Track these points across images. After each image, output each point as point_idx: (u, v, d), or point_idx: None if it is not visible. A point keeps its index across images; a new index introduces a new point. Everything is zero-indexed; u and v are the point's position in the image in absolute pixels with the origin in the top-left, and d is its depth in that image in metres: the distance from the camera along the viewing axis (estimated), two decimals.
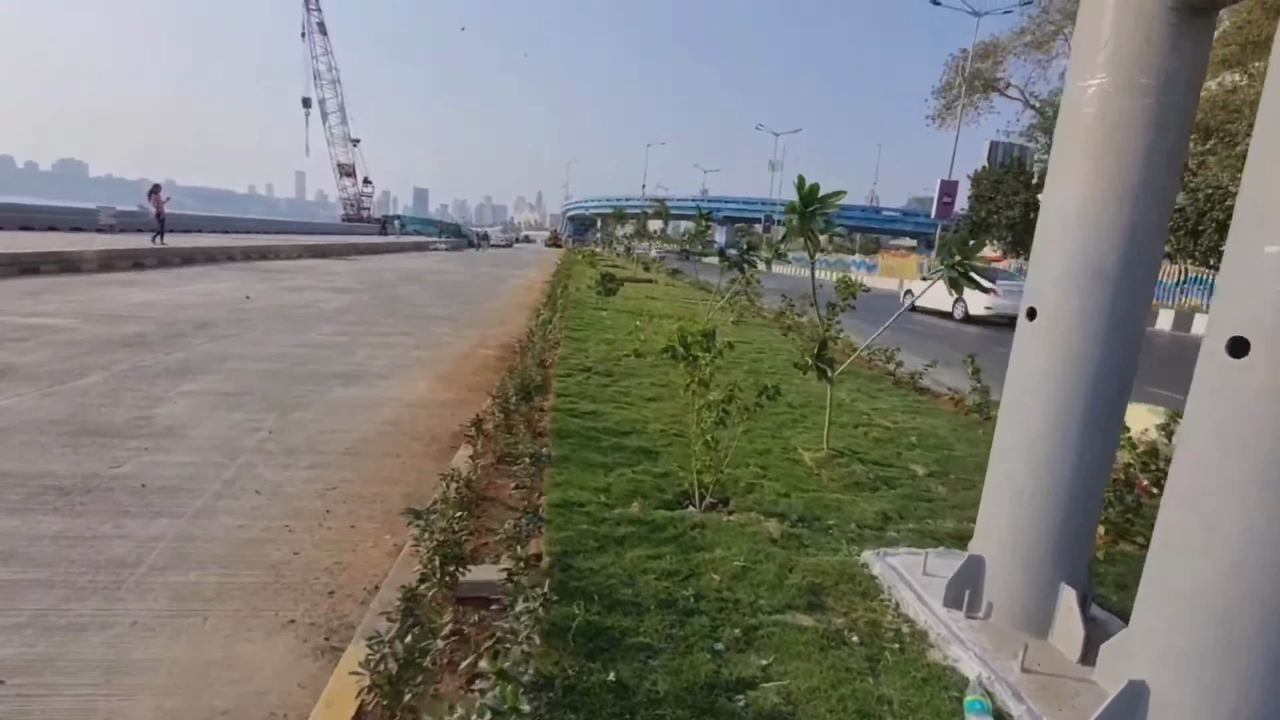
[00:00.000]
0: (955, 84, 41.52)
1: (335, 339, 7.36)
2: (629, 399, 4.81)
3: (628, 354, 6.44)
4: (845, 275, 6.61)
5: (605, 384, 5.18)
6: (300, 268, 17.54)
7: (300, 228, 39.93)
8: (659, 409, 4.60)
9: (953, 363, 7.32)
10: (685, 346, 3.04)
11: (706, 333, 3.04)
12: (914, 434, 4.56)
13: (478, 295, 13.75)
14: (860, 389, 5.96)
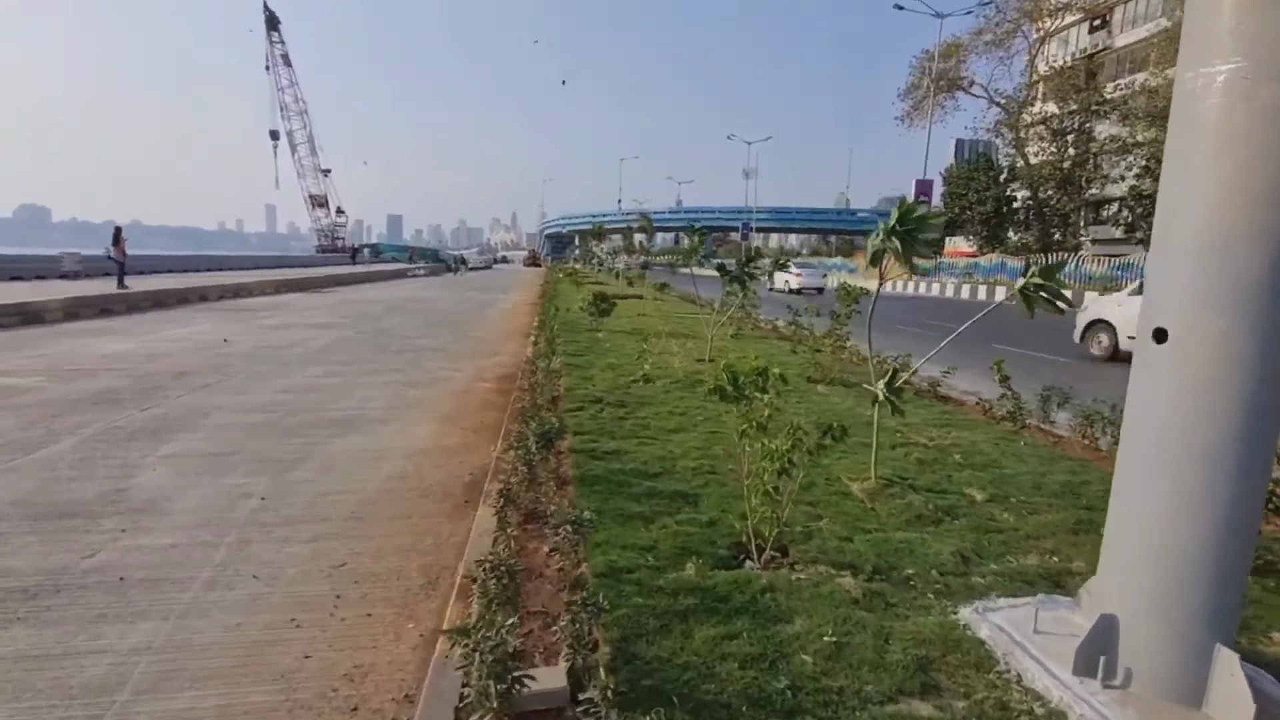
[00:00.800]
0: (922, 84, 42.18)
1: (325, 381, 6.95)
2: (649, 432, 4.50)
3: (635, 379, 6.15)
4: (844, 281, 6.40)
5: (621, 416, 4.86)
6: (277, 304, 17.02)
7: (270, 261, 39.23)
8: (684, 442, 4.28)
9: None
10: (736, 385, 2.74)
11: (760, 370, 2.73)
12: (956, 452, 4.30)
13: (465, 323, 13.37)
14: None
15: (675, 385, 6.04)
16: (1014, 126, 39.82)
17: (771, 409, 2.64)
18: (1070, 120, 37.23)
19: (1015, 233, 40.04)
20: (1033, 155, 39.07)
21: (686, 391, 5.81)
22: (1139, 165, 31.27)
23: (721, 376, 2.73)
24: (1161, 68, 29.26)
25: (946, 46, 38.79)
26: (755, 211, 62.71)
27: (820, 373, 6.44)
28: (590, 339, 9.12)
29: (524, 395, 5.53)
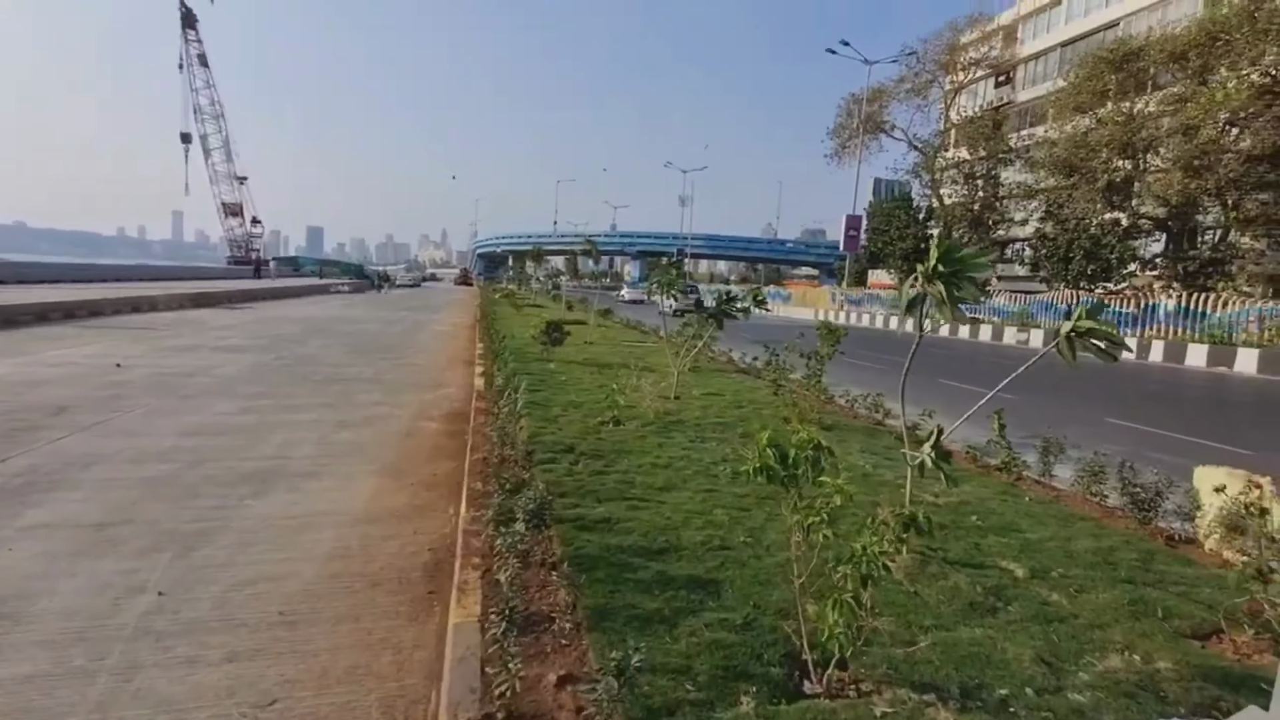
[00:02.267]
0: (849, 125, 44.35)
1: (239, 419, 5.98)
2: (637, 490, 3.95)
3: (604, 421, 5.59)
4: (825, 321, 6.11)
5: (600, 470, 4.29)
6: (184, 321, 15.34)
7: (176, 273, 36.02)
8: (680, 504, 3.76)
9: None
10: (786, 463, 2.25)
11: (813, 443, 2.26)
12: (970, 511, 3.99)
13: (399, 347, 12.38)
14: (867, 449, 5.40)
15: (649, 429, 5.53)
16: (930, 169, 42.50)
17: (844, 496, 2.16)
18: (980, 166, 40.10)
19: None
20: (947, 197, 41.75)
21: (663, 437, 5.30)
22: (1042, 209, 33.84)
23: (766, 452, 2.24)
24: (1060, 123, 31.85)
25: (871, 92, 40.97)
26: (690, 238, 63.71)
27: (797, 414, 6.11)
28: (543, 371, 8.48)
29: (483, 441, 4.86)
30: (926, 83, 43.33)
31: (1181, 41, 26.17)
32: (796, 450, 2.20)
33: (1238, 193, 26.35)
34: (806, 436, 2.23)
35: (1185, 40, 26.04)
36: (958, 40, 42.19)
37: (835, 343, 5.88)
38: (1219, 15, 25.42)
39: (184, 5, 48.05)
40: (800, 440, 2.20)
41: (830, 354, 5.90)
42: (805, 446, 2.19)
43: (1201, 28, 25.73)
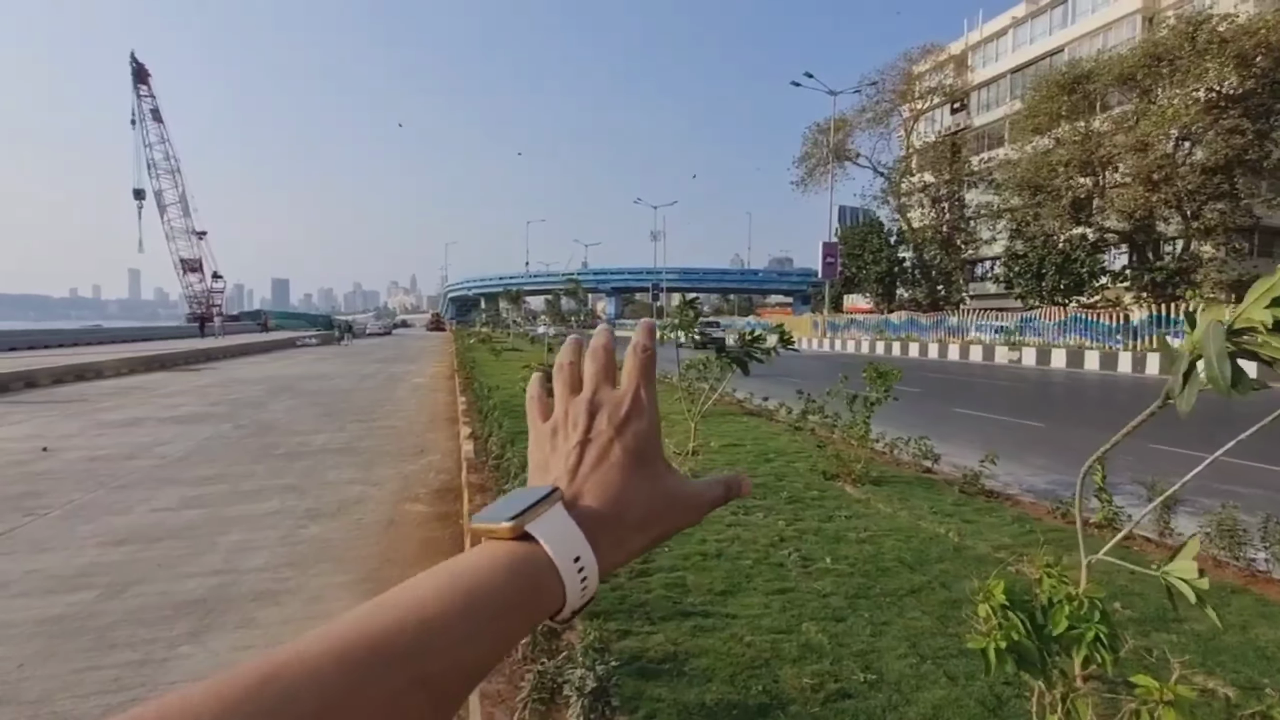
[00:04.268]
0: (814, 154, 45.14)
1: (181, 517, 4.96)
2: (692, 597, 3.08)
3: None
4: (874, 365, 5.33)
5: (639, 566, 3.41)
6: (130, 388, 14.05)
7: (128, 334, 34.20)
8: (754, 617, 2.90)
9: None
10: (1033, 631, 1.42)
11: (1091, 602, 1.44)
12: (1124, 600, 3.20)
13: (373, 406, 11.34)
14: (937, 509, 4.62)
15: None
16: (896, 194, 43.34)
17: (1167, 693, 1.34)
18: (944, 189, 40.97)
19: (907, 290, 42.89)
20: (914, 220, 42.48)
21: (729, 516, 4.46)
22: (1010, 228, 34.45)
23: (1013, 624, 1.41)
24: (1020, 144, 32.67)
25: (835, 121, 41.82)
26: (665, 272, 63.71)
27: (840, 467, 5.32)
28: None
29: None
30: (886, 111, 44.53)
31: (1128, 63, 27.15)
32: (1059, 617, 1.37)
33: (1196, 203, 27.08)
34: (1076, 593, 1.41)
35: (1131, 62, 27.03)
36: (912, 70, 43.55)
37: (888, 389, 5.13)
38: (1160, 38, 26.50)
39: (135, 60, 47.12)
40: (1064, 594, 1.39)
41: (883, 399, 5.16)
42: (1076, 609, 1.37)
43: (1145, 50, 26.77)
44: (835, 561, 3.49)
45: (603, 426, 0.40)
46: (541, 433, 0.43)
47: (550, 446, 0.42)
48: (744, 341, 5.35)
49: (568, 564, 0.35)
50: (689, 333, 5.56)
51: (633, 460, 0.39)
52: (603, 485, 0.39)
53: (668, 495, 0.40)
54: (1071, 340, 20.28)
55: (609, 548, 0.37)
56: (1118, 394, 13.99)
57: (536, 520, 0.35)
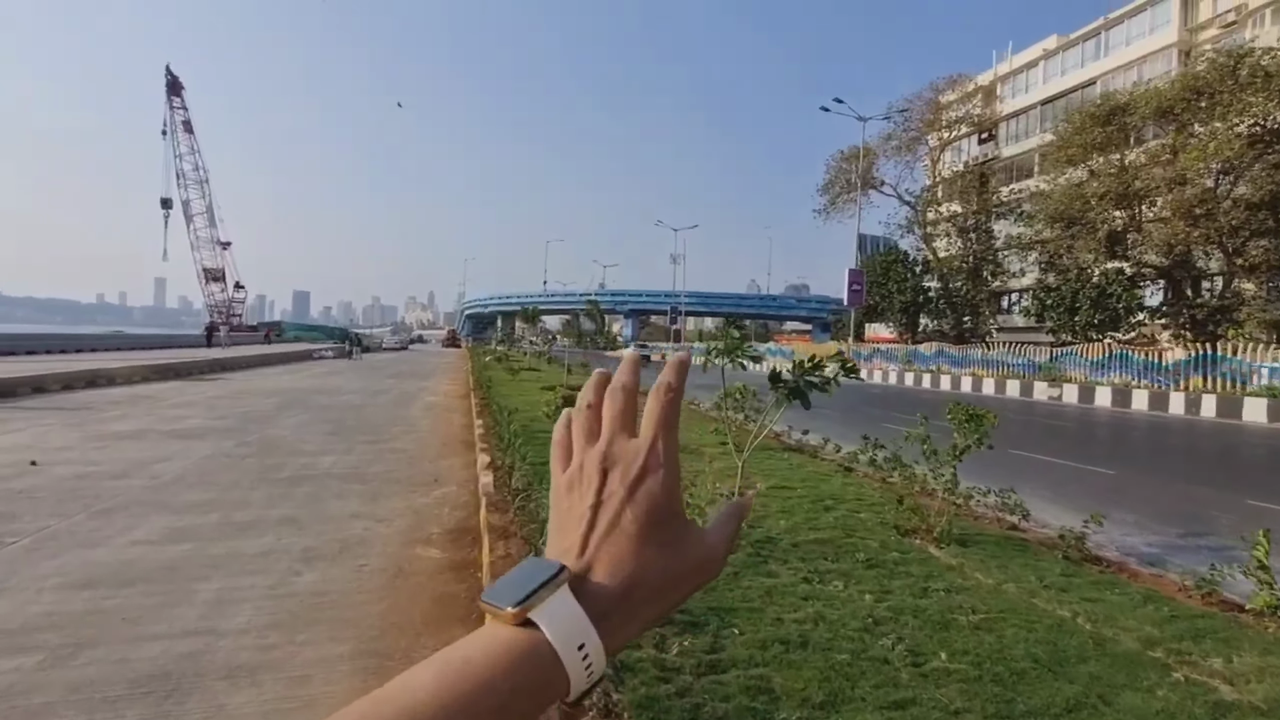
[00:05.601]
0: (837, 182, 44.75)
1: (161, 554, 4.33)
2: (784, 709, 2.37)
3: None
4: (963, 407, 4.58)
5: (709, 660, 2.70)
6: (139, 397, 13.61)
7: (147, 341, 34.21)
8: None
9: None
10: None
11: None
12: None
13: (385, 425, 10.75)
14: (1041, 577, 3.86)
15: (733, 556, 3.97)
16: (921, 223, 42.72)
17: None
18: (973, 219, 40.27)
19: (932, 320, 42.00)
20: (940, 250, 41.76)
21: (762, 573, 3.73)
22: (1042, 261, 33.55)
23: None
24: (1054, 175, 31.99)
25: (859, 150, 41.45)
26: (682, 295, 63.26)
27: (917, 522, 4.58)
28: None
29: None
30: (913, 140, 44.17)
31: (1166, 96, 26.57)
32: None
33: (1239, 240, 26.18)
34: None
35: (1170, 95, 26.45)
36: (939, 100, 43.23)
37: (981, 436, 4.37)
38: (1200, 71, 25.93)
39: (170, 73, 48.12)
40: None
41: (976, 447, 4.41)
42: None
43: (1185, 83, 26.19)
44: (952, 657, 2.76)
45: (615, 486, 0.39)
46: (559, 487, 0.42)
47: (566, 504, 0.41)
48: (801, 370, 4.66)
49: (571, 652, 0.34)
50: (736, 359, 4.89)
51: (646, 525, 0.38)
52: (614, 558, 0.37)
53: (684, 558, 0.39)
54: (1116, 378, 19.26)
55: (619, 625, 0.36)
56: (1178, 437, 13.04)
57: (541, 606, 0.35)
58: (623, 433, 0.41)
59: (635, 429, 0.41)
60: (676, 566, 0.39)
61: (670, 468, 0.40)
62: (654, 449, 0.40)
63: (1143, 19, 37.20)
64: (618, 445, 0.40)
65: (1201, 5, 34.93)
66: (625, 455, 0.40)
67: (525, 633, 0.34)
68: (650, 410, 0.41)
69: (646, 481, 0.39)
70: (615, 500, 0.39)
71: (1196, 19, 35.15)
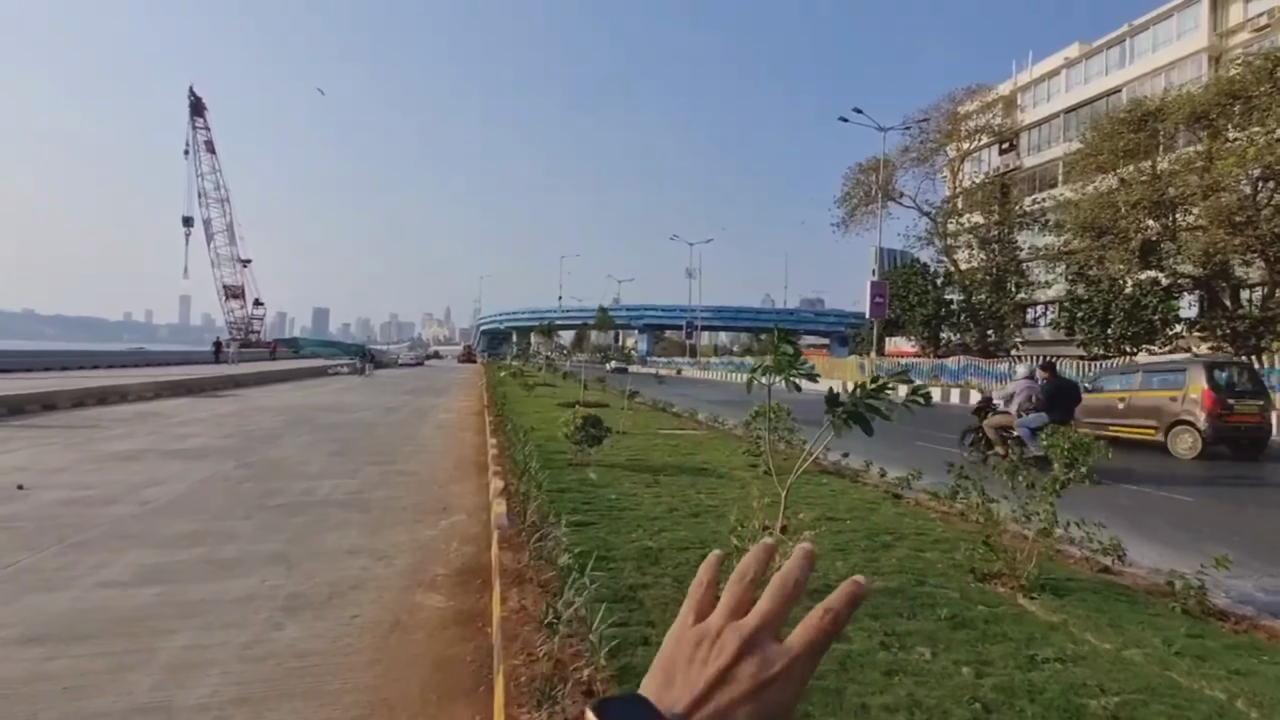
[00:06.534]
0: (855, 194, 44.11)
1: (130, 598, 3.79)
2: None
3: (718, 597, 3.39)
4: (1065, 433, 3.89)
5: None
6: (147, 415, 13.28)
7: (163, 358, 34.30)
8: None
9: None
10: None
11: None
12: None
13: (395, 445, 10.23)
14: (1164, 638, 3.18)
15: None
16: (942, 235, 41.84)
17: None
18: (995, 230, 39.38)
19: (954, 334, 40.99)
20: (962, 262, 40.83)
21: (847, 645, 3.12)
22: (1071, 272, 32.49)
23: None
24: (1082, 183, 31.11)
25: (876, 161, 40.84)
26: (699, 310, 62.70)
27: (1004, 565, 3.90)
28: (582, 486, 6.34)
29: (522, 649, 2.67)
30: (932, 151, 43.47)
31: (1200, 101, 25.73)
32: None
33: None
34: None
35: (1205, 100, 25.60)
36: (957, 110, 42.58)
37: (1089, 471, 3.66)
38: (1235, 75, 25.10)
39: (193, 94, 49.00)
40: None
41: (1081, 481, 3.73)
42: None
43: (1221, 88, 25.35)
44: None
45: (744, 677, 0.39)
46: (686, 632, 0.42)
47: (688, 656, 0.41)
48: (863, 392, 4.03)
49: None
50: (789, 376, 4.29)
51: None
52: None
53: None
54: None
55: None
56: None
57: None
58: (770, 629, 0.41)
59: (780, 634, 0.41)
60: None
61: (798, 689, 0.40)
62: (794, 663, 0.40)
63: (1169, 24, 36.39)
64: (763, 638, 0.41)
65: (1232, 9, 34.07)
66: (766, 653, 0.40)
67: None
68: (805, 627, 0.41)
69: (775, 688, 0.39)
70: (739, 688, 0.39)
71: (1226, 23, 34.28)
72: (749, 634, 0.40)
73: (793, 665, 0.40)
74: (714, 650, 0.40)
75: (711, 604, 0.43)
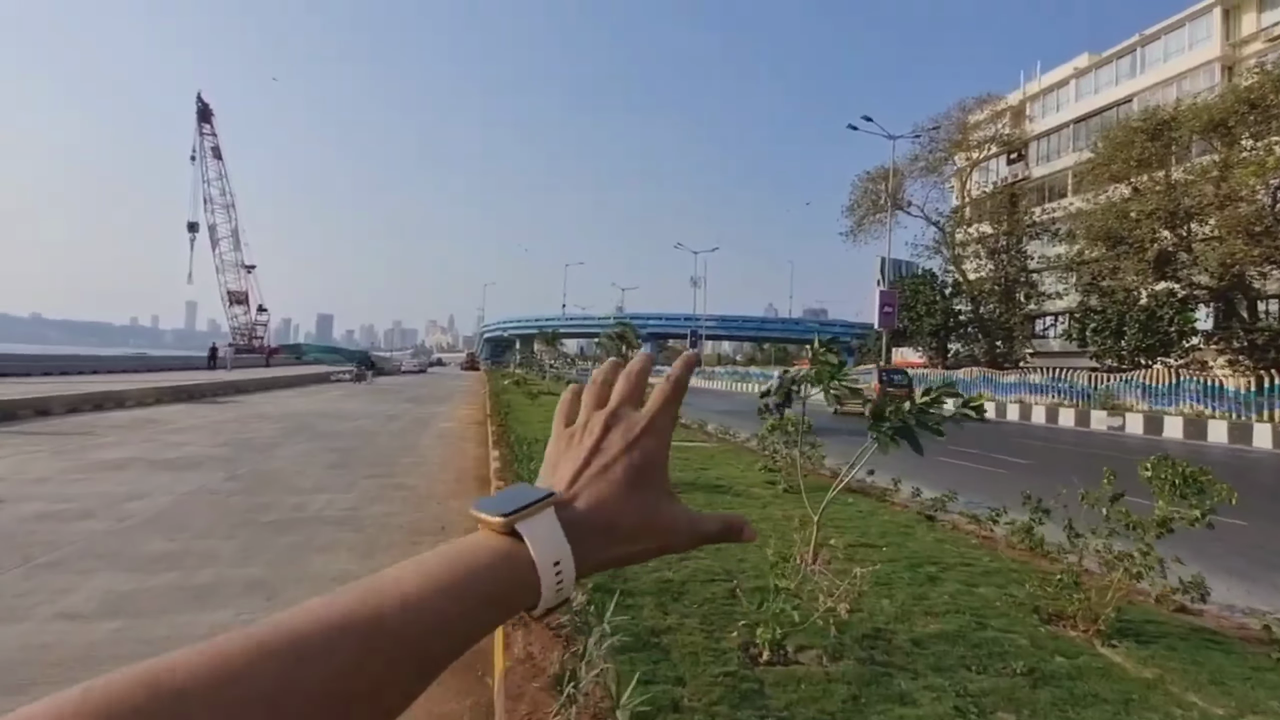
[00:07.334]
0: (863, 203, 43.73)
1: (86, 633, 3.36)
2: None
3: (750, 650, 2.94)
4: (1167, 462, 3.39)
5: None
6: (144, 421, 12.90)
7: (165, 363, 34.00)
8: None
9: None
10: None
11: None
12: None
13: (394, 455, 9.81)
14: (1265, 691, 2.72)
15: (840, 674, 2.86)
16: (950, 245, 41.41)
17: None
18: (1004, 240, 38.95)
19: (963, 345, 40.48)
20: (970, 272, 40.37)
21: (872, 672, 2.65)
22: (1083, 282, 31.97)
23: None
24: (1095, 193, 30.69)
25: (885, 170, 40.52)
26: (703, 319, 62.28)
27: (1078, 605, 3.43)
28: None
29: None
30: (940, 160, 43.11)
31: (1217, 111, 25.32)
32: None
33: None
34: None
35: (1222, 109, 25.20)
36: (967, 119, 42.27)
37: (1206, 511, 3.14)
38: (1252, 84, 24.70)
39: (200, 100, 49.09)
40: None
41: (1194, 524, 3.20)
42: None
43: (1239, 96, 24.96)
44: None
45: (614, 439, 0.43)
46: (560, 435, 0.46)
47: (564, 447, 0.44)
48: (916, 407, 3.60)
49: (547, 567, 0.37)
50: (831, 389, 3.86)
51: (634, 476, 0.42)
52: (599, 494, 0.41)
53: (659, 515, 0.42)
54: (1186, 407, 17.73)
55: (591, 554, 0.39)
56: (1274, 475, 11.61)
57: (527, 520, 0.37)
58: (629, 403, 0.46)
59: (641, 405, 0.46)
60: (652, 520, 0.42)
61: (663, 438, 0.44)
62: (654, 418, 0.44)
63: (1181, 34, 36.07)
64: (623, 410, 0.45)
65: (1245, 19, 33.74)
66: (629, 419, 0.44)
67: (508, 542, 0.37)
68: (658, 391, 0.46)
69: (642, 442, 0.43)
70: (612, 450, 0.42)
71: (1240, 33, 33.92)
72: (612, 409, 0.45)
73: (654, 419, 0.44)
74: (585, 433, 0.44)
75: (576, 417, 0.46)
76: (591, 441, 0.43)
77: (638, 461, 0.42)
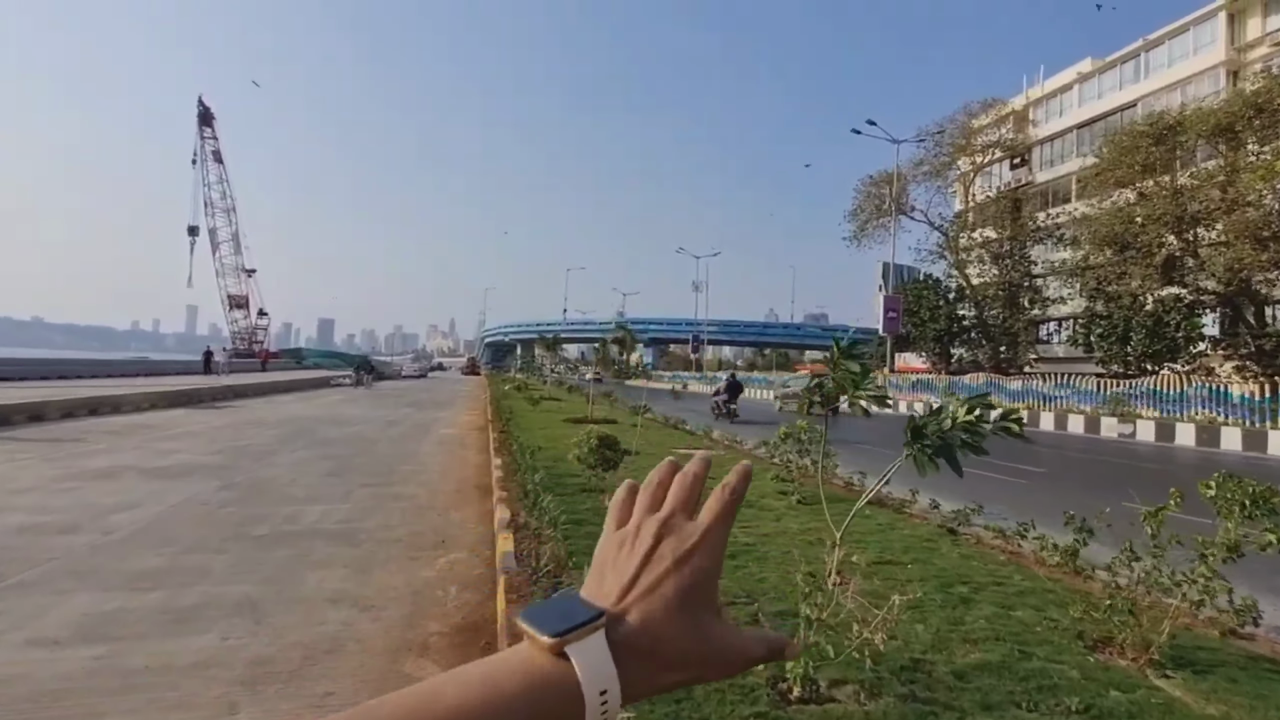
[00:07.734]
0: (866, 207, 43.53)
1: (56, 664, 3.10)
2: None
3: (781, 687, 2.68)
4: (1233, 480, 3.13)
5: None
6: (138, 427, 12.64)
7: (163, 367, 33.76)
8: None
9: None
10: None
11: None
12: None
13: (393, 463, 9.55)
14: None
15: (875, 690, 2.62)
16: (954, 250, 41.18)
17: None
18: (1008, 244, 38.74)
19: (966, 350, 40.22)
20: (974, 277, 40.14)
21: (914, 711, 2.41)
22: (1089, 287, 31.73)
23: None
24: (1100, 198, 30.49)
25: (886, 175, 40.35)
26: (705, 324, 62.03)
27: (1128, 632, 3.17)
28: (598, 517, 5.64)
29: None
30: (944, 164, 42.92)
31: (1224, 114, 25.14)
32: None
33: None
34: None
35: (1229, 113, 25.01)
36: (971, 124, 42.11)
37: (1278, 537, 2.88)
38: (1259, 89, 24.53)
39: (202, 104, 49.03)
40: None
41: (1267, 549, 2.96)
42: None
43: (1246, 101, 24.76)
44: None
45: (665, 554, 0.41)
46: (611, 537, 0.45)
47: (613, 555, 0.43)
48: (955, 423, 3.34)
49: (594, 695, 0.35)
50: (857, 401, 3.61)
51: (683, 598, 0.40)
52: (647, 616, 0.39)
53: (708, 642, 0.41)
54: (1199, 414, 17.46)
55: (636, 680, 0.38)
56: None
57: (577, 644, 0.36)
58: (684, 511, 0.44)
59: (695, 514, 0.44)
60: (700, 648, 0.40)
61: (717, 555, 0.43)
62: (708, 534, 0.43)
63: (1185, 39, 35.93)
64: (677, 520, 0.43)
65: (1250, 24, 33.60)
66: (682, 530, 0.43)
67: (554, 663, 0.36)
68: (712, 503, 0.44)
69: (694, 560, 0.41)
70: (662, 565, 0.41)
71: (1244, 37, 33.77)
72: (664, 518, 0.43)
73: (707, 535, 0.42)
74: (637, 541, 0.42)
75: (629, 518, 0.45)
76: (644, 551, 0.41)
77: (688, 580, 0.40)
